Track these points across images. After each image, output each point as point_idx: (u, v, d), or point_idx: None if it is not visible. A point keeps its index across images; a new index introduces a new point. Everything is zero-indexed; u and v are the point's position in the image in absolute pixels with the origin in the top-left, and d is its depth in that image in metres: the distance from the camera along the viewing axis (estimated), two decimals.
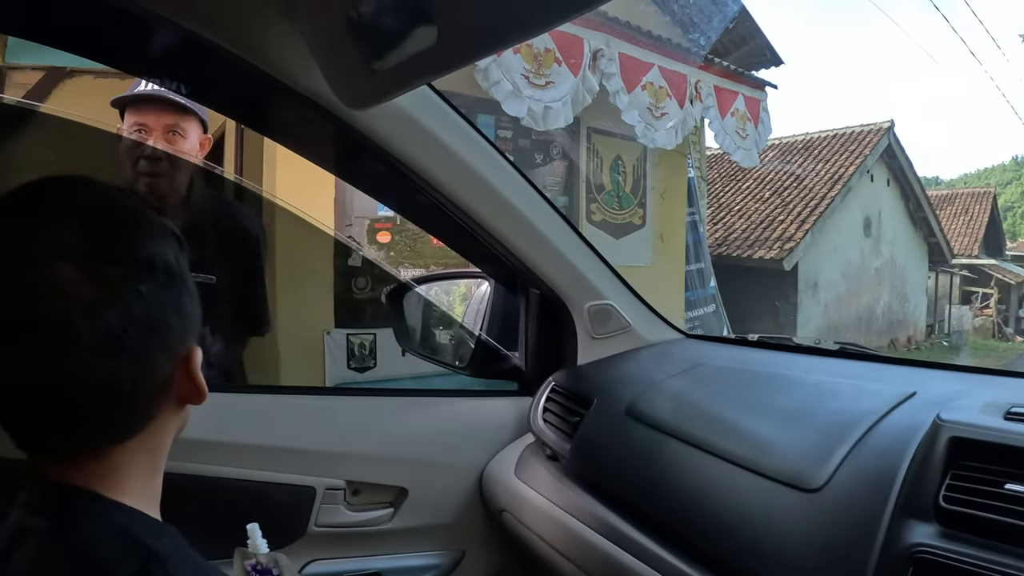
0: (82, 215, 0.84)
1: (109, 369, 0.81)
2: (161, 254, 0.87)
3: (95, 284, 0.80)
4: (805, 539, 1.07)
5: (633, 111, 7.95)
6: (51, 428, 0.84)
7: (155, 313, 0.85)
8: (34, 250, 0.80)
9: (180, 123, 2.39)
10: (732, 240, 14.41)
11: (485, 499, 1.81)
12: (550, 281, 1.76)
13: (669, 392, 1.55)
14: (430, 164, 1.54)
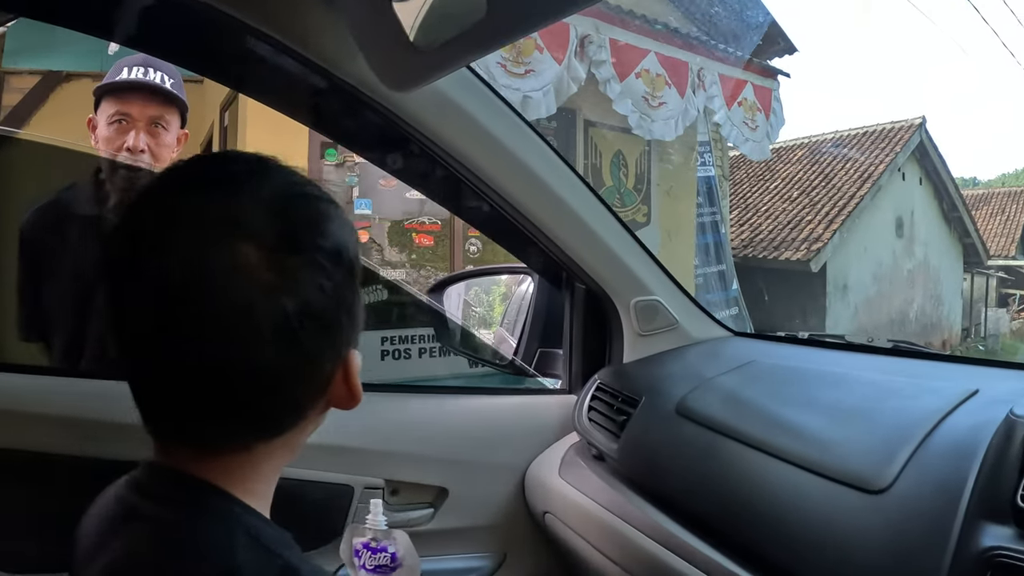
0: (271, 197, 0.81)
1: (280, 361, 0.79)
2: (347, 249, 0.85)
3: (279, 271, 0.77)
4: (871, 543, 1.02)
5: (626, 100, 7.82)
6: (206, 415, 0.81)
7: (331, 310, 0.82)
8: (219, 228, 0.77)
9: (165, 115, 2.29)
10: (758, 241, 14.33)
11: (528, 500, 1.78)
12: (597, 276, 1.72)
13: (721, 390, 1.51)
14: (475, 152, 1.52)
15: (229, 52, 1.43)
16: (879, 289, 15.04)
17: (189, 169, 0.85)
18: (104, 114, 2.26)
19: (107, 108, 2.25)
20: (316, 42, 1.33)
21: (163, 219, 0.79)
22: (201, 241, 0.76)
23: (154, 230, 0.78)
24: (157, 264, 0.76)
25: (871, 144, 15.76)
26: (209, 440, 0.83)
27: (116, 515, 0.86)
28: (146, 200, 0.83)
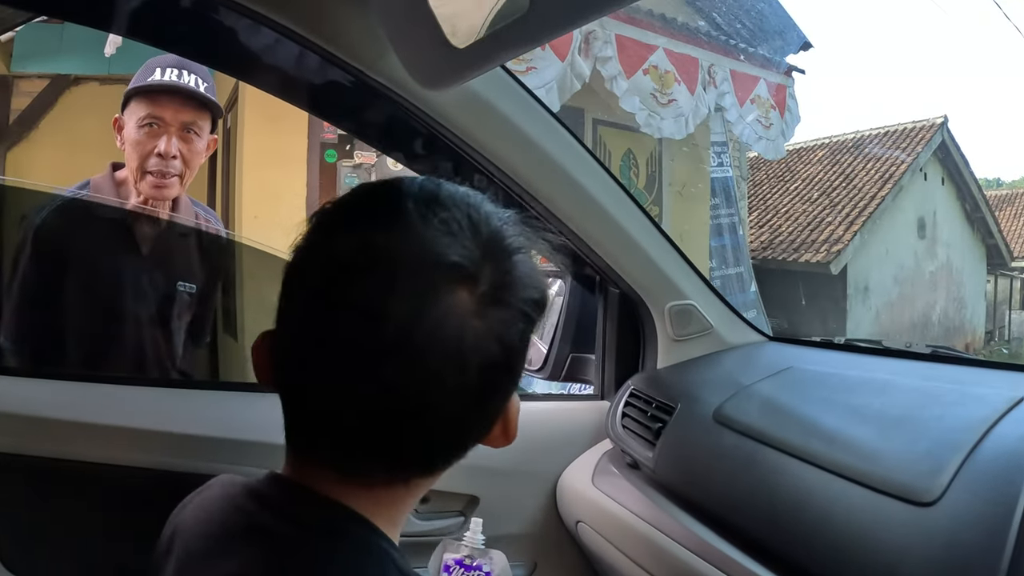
0: (486, 244, 0.80)
1: (471, 406, 0.80)
2: (544, 300, 0.86)
3: (489, 319, 0.77)
4: (920, 559, 0.99)
5: (633, 98, 7.71)
6: (383, 454, 0.81)
7: (519, 357, 0.83)
8: (440, 270, 0.76)
9: (198, 120, 2.21)
10: (777, 243, 14.27)
11: (560, 509, 1.76)
12: (631, 279, 1.70)
13: (760, 397, 1.48)
14: (508, 153, 1.50)
15: (256, 52, 1.41)
16: (901, 292, 14.96)
17: (404, 193, 0.83)
18: (134, 116, 2.17)
19: (137, 110, 2.17)
20: (346, 40, 1.31)
21: (386, 249, 0.77)
22: (423, 282, 0.76)
23: (377, 260, 0.77)
24: (377, 298, 0.75)
25: (892, 144, 15.68)
26: (368, 473, 0.83)
27: (238, 525, 0.85)
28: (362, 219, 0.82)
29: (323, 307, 0.77)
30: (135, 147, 2.15)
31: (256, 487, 0.87)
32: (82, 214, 2.22)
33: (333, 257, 0.79)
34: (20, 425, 1.47)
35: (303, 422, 0.83)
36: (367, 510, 0.82)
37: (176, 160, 2.16)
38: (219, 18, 1.31)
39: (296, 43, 1.30)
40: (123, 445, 1.49)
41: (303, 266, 0.82)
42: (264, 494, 0.85)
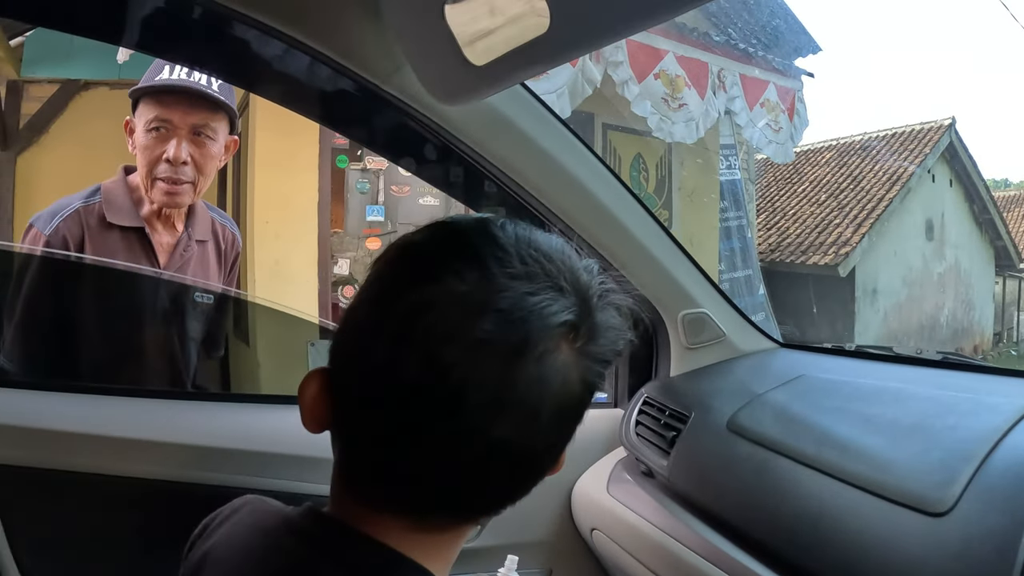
0: (582, 296, 0.78)
1: (547, 451, 0.80)
2: (624, 349, 0.85)
3: (580, 366, 0.77)
4: (933, 567, 1.00)
5: (644, 102, 7.61)
6: (470, 501, 0.80)
7: (591, 398, 0.82)
8: (551, 330, 0.74)
9: (210, 122, 2.07)
10: (785, 246, 14.23)
11: (575, 516, 1.77)
12: (646, 289, 1.71)
13: (773, 406, 1.49)
14: (523, 165, 1.51)
15: (270, 65, 1.41)
16: (909, 294, 14.91)
17: (496, 237, 0.79)
18: (142, 118, 2.06)
19: (145, 112, 2.05)
20: (361, 54, 1.31)
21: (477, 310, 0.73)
22: (538, 343, 0.73)
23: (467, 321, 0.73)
24: (474, 360, 0.72)
25: (900, 146, 15.64)
26: (443, 520, 0.82)
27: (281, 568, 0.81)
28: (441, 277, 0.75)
29: (413, 358, 0.72)
30: (144, 152, 2.06)
31: (299, 523, 0.83)
32: (94, 222, 2.09)
33: (424, 305, 0.74)
34: (38, 438, 1.49)
35: (369, 470, 0.79)
36: (427, 556, 0.80)
37: (187, 166, 2.05)
38: (233, 32, 1.30)
39: (311, 57, 1.30)
40: (140, 457, 1.51)
41: (383, 306, 0.77)
42: (310, 534, 0.81)
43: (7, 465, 1.47)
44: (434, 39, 1.10)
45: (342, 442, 0.81)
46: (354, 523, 0.80)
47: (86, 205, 2.10)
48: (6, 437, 1.47)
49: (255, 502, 0.92)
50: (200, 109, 2.04)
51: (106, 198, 2.12)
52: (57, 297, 2.09)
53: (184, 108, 2.03)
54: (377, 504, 0.79)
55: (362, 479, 0.80)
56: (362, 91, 1.37)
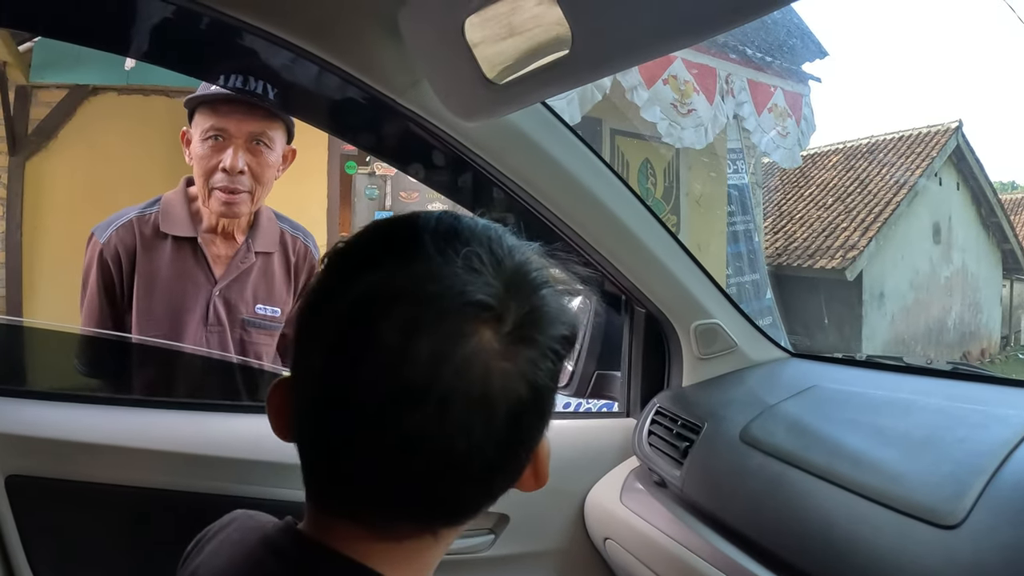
0: (510, 279, 0.75)
1: (501, 451, 0.75)
2: (574, 337, 0.81)
3: (514, 357, 0.73)
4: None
5: (654, 107, 7.64)
6: (410, 505, 0.76)
7: (549, 397, 0.78)
8: (465, 311, 0.72)
9: (267, 130, 2.04)
10: (792, 249, 14.22)
11: (588, 526, 1.77)
12: (657, 299, 1.72)
13: (785, 417, 1.50)
14: (537, 178, 1.51)
15: (288, 78, 1.43)
16: (916, 297, 14.88)
17: (421, 230, 0.78)
18: (198, 128, 2.05)
19: (201, 122, 2.04)
20: (378, 69, 1.32)
21: (400, 291, 0.73)
22: (445, 323, 0.71)
23: (397, 301, 0.72)
24: (394, 341, 0.70)
25: (907, 149, 15.62)
26: (395, 527, 0.78)
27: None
28: (380, 260, 0.76)
29: (341, 353, 0.73)
30: (200, 162, 2.04)
31: (275, 540, 0.82)
32: (148, 231, 2.09)
33: (350, 300, 0.74)
34: (54, 449, 1.50)
35: (324, 476, 0.78)
36: (395, 568, 0.77)
37: (244, 175, 2.03)
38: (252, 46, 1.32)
39: (329, 71, 1.31)
40: (156, 468, 1.52)
41: (318, 310, 0.77)
42: (284, 551, 0.80)
43: (24, 475, 1.49)
44: (453, 57, 1.10)
45: (300, 450, 0.79)
46: (322, 536, 0.79)
47: (141, 215, 2.11)
48: (23, 448, 1.49)
49: (242, 517, 0.92)
50: (256, 117, 2.03)
51: (164, 208, 2.12)
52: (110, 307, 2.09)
53: (240, 116, 2.01)
54: (337, 513, 0.79)
55: (319, 488, 0.80)
56: (379, 105, 1.37)
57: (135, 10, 1.27)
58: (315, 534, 0.80)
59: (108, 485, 1.51)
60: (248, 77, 1.48)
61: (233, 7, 1.20)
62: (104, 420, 1.59)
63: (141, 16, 1.29)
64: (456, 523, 0.81)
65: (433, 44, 1.18)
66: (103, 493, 1.51)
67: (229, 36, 1.31)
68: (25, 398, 1.60)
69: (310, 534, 0.80)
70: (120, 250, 2.07)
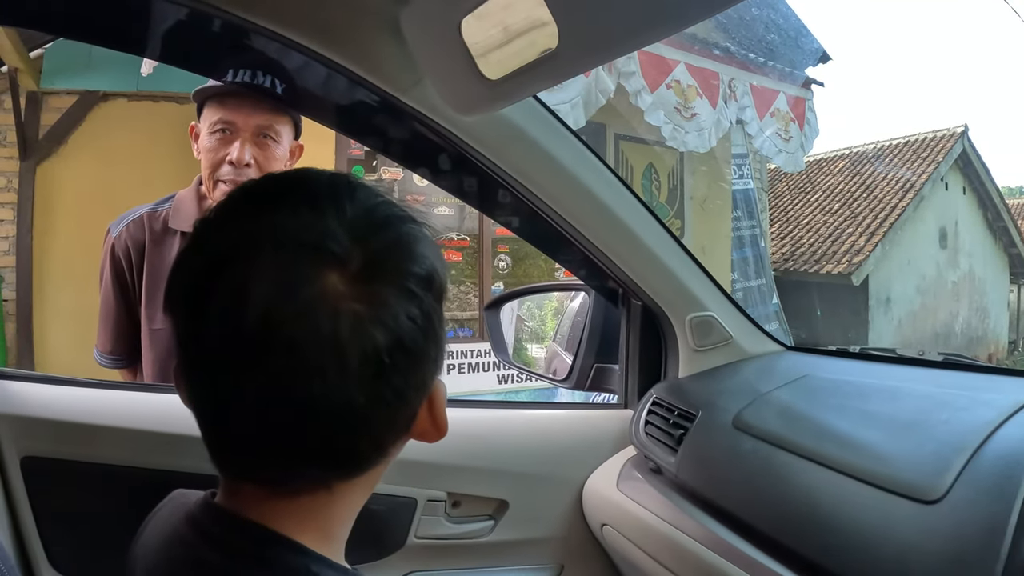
0: (357, 219, 0.76)
1: (366, 396, 0.73)
2: (437, 274, 0.80)
3: (367, 300, 0.72)
4: (925, 552, 1.04)
5: (658, 111, 7.66)
6: (284, 455, 0.75)
7: (420, 340, 0.76)
8: (303, 254, 0.72)
9: (274, 124, 2.05)
10: (799, 255, 14.21)
11: (586, 513, 1.80)
12: (654, 292, 1.74)
13: (777, 404, 1.52)
14: (536, 174, 1.54)
15: (293, 76, 1.47)
16: (923, 302, 14.86)
17: (266, 187, 0.80)
18: (206, 121, 2.06)
19: (209, 115, 2.05)
20: (382, 69, 1.36)
21: (242, 242, 0.74)
22: (284, 268, 0.71)
23: (233, 254, 0.73)
24: (236, 291, 0.70)
25: (913, 154, 15.59)
26: (286, 482, 0.78)
27: (182, 559, 0.81)
28: (221, 219, 0.78)
29: (193, 310, 0.74)
30: (207, 155, 2.05)
31: (194, 514, 0.83)
32: (158, 227, 2.13)
33: (201, 257, 0.76)
34: (68, 431, 1.53)
35: (212, 438, 0.78)
36: (296, 527, 0.78)
37: (250, 168, 2.02)
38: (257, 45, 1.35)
39: (333, 70, 1.34)
40: (170, 450, 1.55)
41: (176, 274, 0.78)
42: (199, 522, 0.81)
43: (39, 457, 1.52)
44: (451, 54, 1.15)
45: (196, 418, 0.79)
46: (231, 501, 0.80)
47: (152, 211, 2.15)
48: (38, 429, 1.52)
49: (177, 496, 0.92)
50: (264, 111, 2.03)
51: (176, 204, 2.16)
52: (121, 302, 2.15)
53: (248, 110, 2.02)
54: (233, 475, 0.81)
55: (212, 452, 0.80)
56: (382, 103, 1.40)
57: (146, 11, 1.30)
58: (227, 502, 0.81)
59: (123, 467, 1.54)
60: (256, 75, 1.52)
61: (242, 8, 1.24)
62: (120, 402, 1.62)
63: (152, 17, 1.31)
64: (347, 475, 0.80)
65: (433, 43, 1.22)
66: (117, 475, 1.54)
67: (238, 36, 1.33)
68: (40, 381, 1.62)
69: (223, 503, 0.82)
70: (130, 244, 2.11)
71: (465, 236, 7.55)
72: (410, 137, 1.50)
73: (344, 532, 0.85)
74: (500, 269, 7.76)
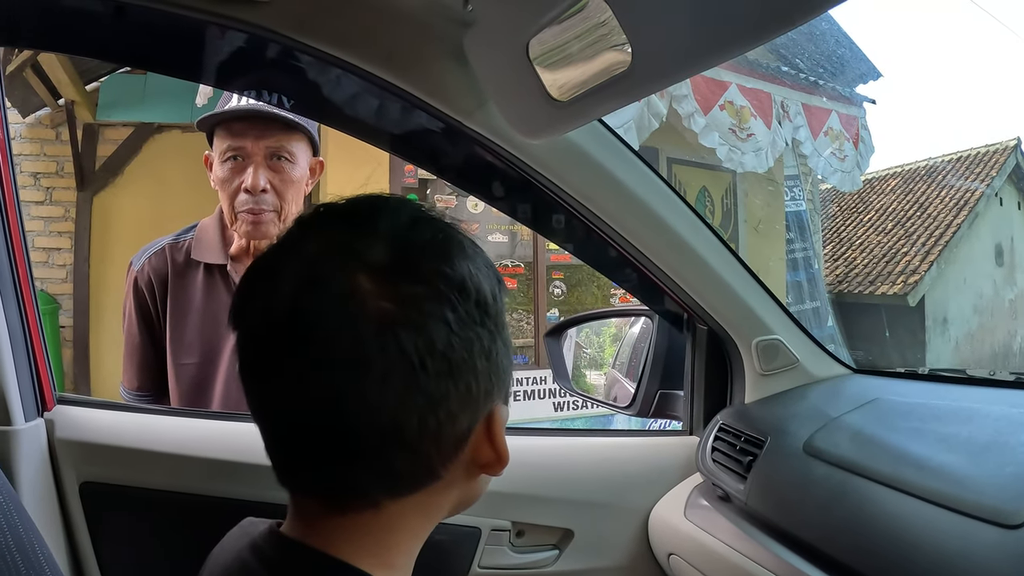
0: (390, 225, 0.77)
1: (396, 401, 0.72)
2: (475, 281, 0.78)
3: (395, 299, 0.72)
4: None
5: (712, 133, 7.59)
6: (326, 458, 0.76)
7: (460, 349, 0.75)
8: (331, 254, 0.74)
9: (285, 144, 1.97)
10: (852, 276, 14.06)
11: (652, 542, 1.77)
12: (719, 316, 1.72)
13: (849, 428, 1.49)
14: (599, 196, 1.53)
15: (355, 102, 1.46)
16: (980, 322, 14.59)
17: (318, 208, 0.82)
18: (217, 150, 1.99)
19: (219, 143, 1.99)
20: (445, 93, 1.36)
21: (277, 249, 0.78)
22: (311, 268, 0.73)
23: (268, 261, 0.78)
24: (268, 293, 0.74)
25: (965, 169, 15.39)
26: (335, 491, 0.78)
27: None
28: (279, 241, 0.81)
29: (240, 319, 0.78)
30: (223, 185, 1.99)
31: (259, 543, 0.83)
32: (180, 258, 2.09)
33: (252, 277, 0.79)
34: (127, 457, 1.55)
35: (268, 447, 0.80)
36: (352, 552, 0.77)
37: (267, 194, 1.96)
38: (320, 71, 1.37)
39: (396, 96, 1.35)
40: (228, 477, 1.55)
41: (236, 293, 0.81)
42: (261, 549, 0.82)
43: (98, 482, 1.53)
44: (517, 76, 1.15)
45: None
46: (291, 525, 0.82)
47: (174, 242, 2.11)
48: (97, 455, 1.53)
49: (245, 524, 0.92)
50: (273, 132, 1.96)
51: (198, 235, 2.12)
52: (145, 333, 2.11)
53: (256, 133, 1.94)
54: (301, 492, 0.81)
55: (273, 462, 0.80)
56: (445, 127, 1.41)
57: (208, 39, 1.32)
58: (289, 525, 0.82)
59: (181, 494, 1.55)
60: (320, 103, 1.50)
61: (305, 35, 1.26)
62: (178, 428, 1.64)
63: (213, 45, 1.33)
64: (391, 492, 0.79)
65: (498, 66, 1.22)
66: (175, 501, 1.55)
67: (301, 64, 1.35)
68: (99, 407, 1.64)
69: (286, 529, 0.82)
70: (153, 277, 2.07)
71: (519, 263, 7.56)
72: (472, 161, 1.51)
73: (406, 562, 0.83)
74: (555, 296, 7.75)
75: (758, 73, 8.26)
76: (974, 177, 14.94)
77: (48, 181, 7.67)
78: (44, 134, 7.70)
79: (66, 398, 1.60)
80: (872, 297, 13.23)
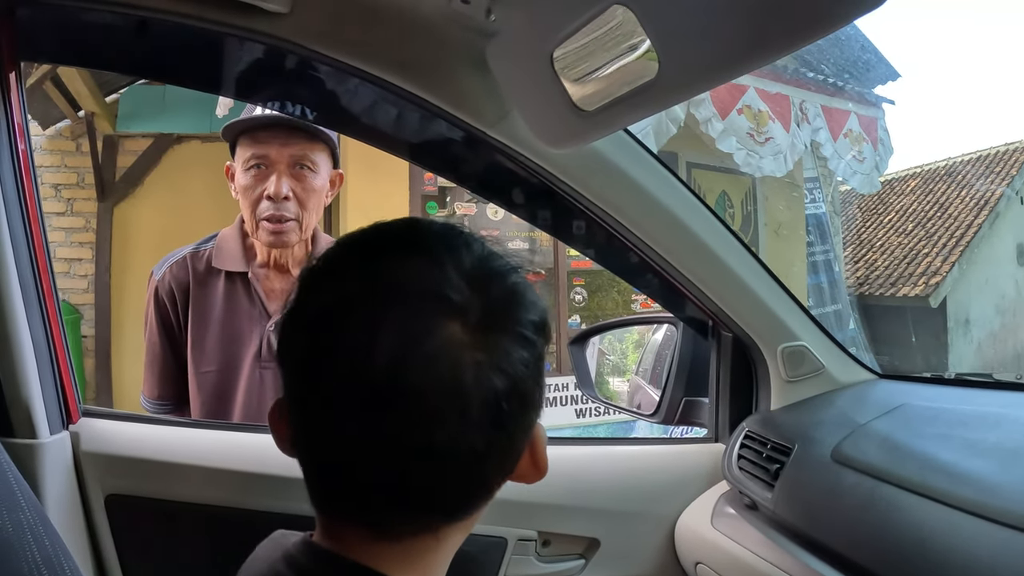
0: (473, 271, 0.78)
1: (485, 442, 0.76)
2: (545, 322, 0.82)
3: (486, 348, 0.74)
4: None
5: (730, 138, 7.55)
6: (400, 501, 0.77)
7: (530, 385, 0.79)
8: (427, 304, 0.75)
9: (308, 153, 1.99)
10: (873, 278, 13.99)
11: (678, 550, 1.76)
12: (744, 323, 1.71)
13: (876, 435, 1.48)
14: (623, 203, 1.53)
15: (377, 113, 1.47)
16: (1003, 322, 14.49)
17: (375, 237, 0.83)
18: (240, 159, 2.02)
19: (242, 152, 2.01)
20: (468, 103, 1.36)
21: (359, 293, 0.76)
22: (408, 319, 0.73)
23: (350, 305, 0.76)
24: (361, 342, 0.72)
25: (985, 169, 15.29)
26: (394, 526, 0.79)
27: None
28: (331, 269, 0.81)
29: (314, 358, 0.76)
30: (245, 193, 2.02)
31: (292, 554, 0.83)
32: (201, 267, 2.10)
33: (317, 308, 0.78)
34: (152, 469, 1.55)
35: (320, 481, 0.81)
36: (399, 571, 0.79)
37: (289, 201, 1.98)
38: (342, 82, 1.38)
39: (419, 107, 1.36)
40: (255, 490, 1.55)
41: (292, 325, 0.81)
42: (297, 561, 0.82)
43: (123, 495, 1.53)
44: (541, 86, 1.14)
45: (300, 464, 0.82)
46: (332, 542, 0.81)
47: (195, 251, 2.13)
48: (123, 468, 1.54)
49: (277, 536, 0.93)
50: (297, 141, 1.98)
51: (218, 244, 2.13)
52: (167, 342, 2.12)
53: (280, 142, 1.97)
54: (338, 518, 0.82)
55: (318, 495, 0.82)
56: (468, 137, 1.41)
57: (228, 50, 1.33)
58: (326, 542, 0.82)
59: (206, 506, 1.55)
60: (343, 114, 1.51)
61: (327, 46, 1.26)
62: (204, 441, 1.64)
63: (234, 56, 1.35)
64: (454, 519, 0.82)
65: (521, 76, 1.22)
66: (201, 514, 1.55)
67: (322, 75, 1.36)
68: (125, 419, 1.64)
69: (322, 543, 0.83)
70: (174, 286, 2.08)
71: (540, 270, 7.55)
72: (494, 170, 1.51)
73: (443, 573, 0.86)
74: (576, 302, 7.74)
75: (776, 76, 8.22)
76: (994, 176, 14.84)
77: (69, 192, 7.77)
78: (64, 146, 7.80)
79: (91, 410, 1.60)
80: (894, 299, 13.16)
